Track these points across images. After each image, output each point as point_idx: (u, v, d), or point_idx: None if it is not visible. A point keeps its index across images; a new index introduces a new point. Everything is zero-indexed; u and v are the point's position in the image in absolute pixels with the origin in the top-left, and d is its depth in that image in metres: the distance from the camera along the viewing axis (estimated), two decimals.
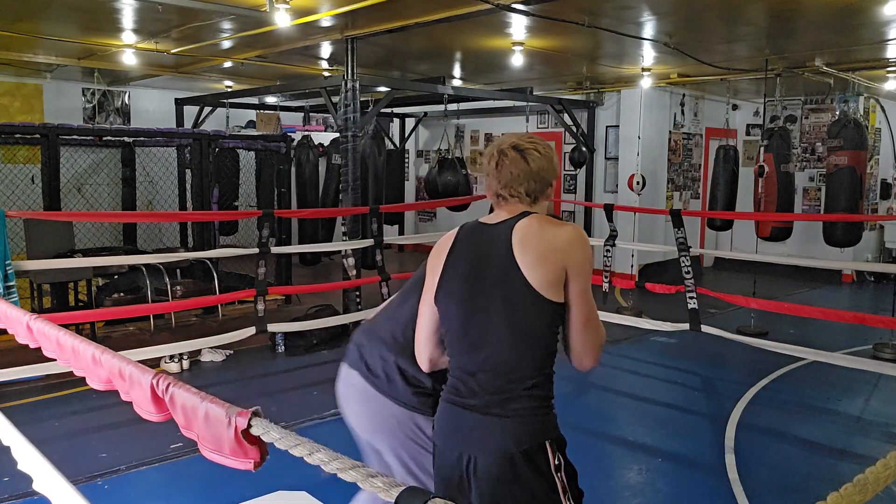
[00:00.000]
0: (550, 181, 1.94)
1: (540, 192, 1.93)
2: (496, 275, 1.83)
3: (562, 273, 1.79)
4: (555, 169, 1.96)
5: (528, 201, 1.92)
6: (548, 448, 1.80)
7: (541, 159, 1.91)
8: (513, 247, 1.81)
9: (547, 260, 1.78)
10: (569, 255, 1.79)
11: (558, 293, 1.79)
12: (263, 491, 3.54)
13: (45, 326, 1.93)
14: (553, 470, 1.79)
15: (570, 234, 1.82)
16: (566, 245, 1.80)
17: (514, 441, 1.77)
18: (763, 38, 6.66)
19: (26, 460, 1.99)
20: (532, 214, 1.89)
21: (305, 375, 5.86)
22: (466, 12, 5.41)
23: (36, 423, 4.54)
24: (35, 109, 9.47)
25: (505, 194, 1.92)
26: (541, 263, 1.78)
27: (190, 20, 6.05)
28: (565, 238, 1.81)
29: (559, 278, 1.78)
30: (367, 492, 1.80)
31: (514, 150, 1.91)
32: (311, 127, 11.43)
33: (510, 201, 1.92)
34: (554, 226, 1.84)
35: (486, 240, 1.89)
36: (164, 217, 8.10)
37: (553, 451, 1.81)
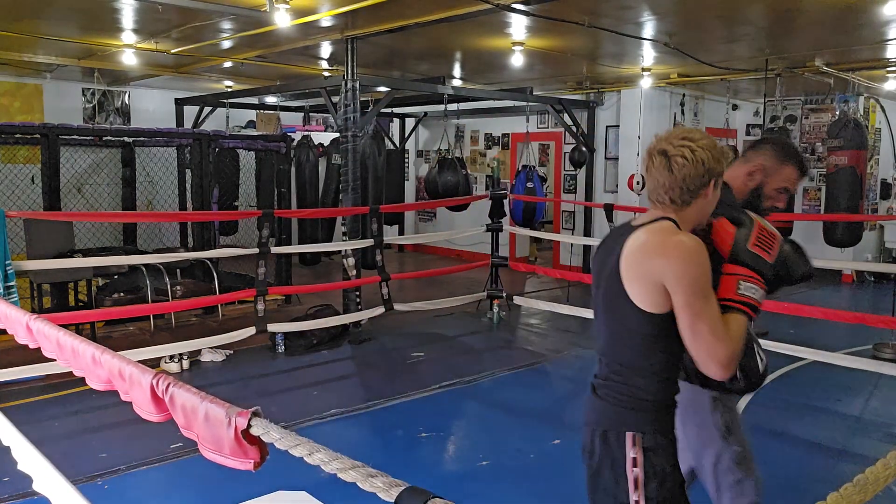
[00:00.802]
0: (703, 184, 1.86)
1: (692, 196, 1.87)
2: (606, 277, 1.90)
3: (659, 286, 1.78)
4: (709, 170, 1.85)
5: (674, 208, 1.89)
6: (627, 438, 1.86)
7: (687, 166, 1.84)
8: (621, 257, 1.85)
9: (642, 275, 1.80)
10: (662, 270, 1.77)
11: (658, 305, 1.80)
12: (263, 491, 3.54)
13: (44, 326, 1.93)
14: (628, 461, 1.86)
15: (666, 250, 1.79)
16: (659, 261, 1.78)
17: (598, 420, 1.94)
18: (763, 38, 6.66)
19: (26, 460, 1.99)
20: (653, 224, 1.87)
21: (305, 375, 5.86)
22: (466, 12, 5.41)
23: (36, 423, 4.54)
24: (35, 109, 9.47)
25: (653, 199, 1.93)
26: (637, 278, 1.81)
27: (190, 20, 6.05)
28: (660, 253, 1.79)
29: (657, 292, 1.78)
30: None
31: (662, 155, 1.87)
32: (311, 127, 11.43)
33: (656, 206, 1.92)
34: (662, 238, 1.82)
35: (615, 242, 1.91)
36: (164, 217, 8.10)
37: (633, 444, 1.86)
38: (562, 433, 4.58)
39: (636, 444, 1.85)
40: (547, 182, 11.82)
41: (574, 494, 3.75)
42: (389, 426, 4.74)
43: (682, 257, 1.76)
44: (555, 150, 11.35)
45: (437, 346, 6.72)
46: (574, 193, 10.59)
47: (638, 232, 1.86)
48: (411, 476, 1.17)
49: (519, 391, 5.49)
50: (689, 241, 1.79)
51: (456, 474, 4.04)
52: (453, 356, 6.42)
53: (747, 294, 1.85)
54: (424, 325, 7.37)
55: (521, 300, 7.85)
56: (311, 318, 6.59)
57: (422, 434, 4.56)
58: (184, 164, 8.01)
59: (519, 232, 8.80)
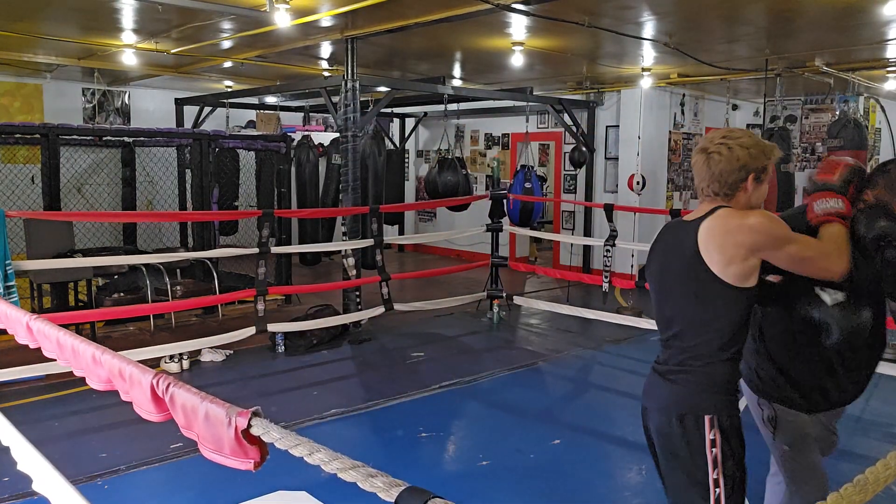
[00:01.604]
0: (740, 178, 2.05)
1: (732, 189, 2.05)
2: (683, 264, 2.05)
3: (748, 257, 1.97)
4: (744, 165, 2.04)
5: (721, 198, 2.08)
6: (706, 421, 2.00)
7: (722, 161, 2.03)
8: (698, 241, 2.01)
9: (727, 249, 1.97)
10: (753, 241, 1.97)
11: (744, 278, 1.98)
12: (263, 491, 3.54)
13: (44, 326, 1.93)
14: (707, 443, 1.99)
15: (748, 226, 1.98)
16: (748, 236, 1.97)
17: (675, 403, 2.05)
18: (763, 38, 6.66)
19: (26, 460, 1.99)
20: (721, 210, 2.05)
21: (305, 375, 5.86)
22: (466, 12, 5.41)
23: (36, 423, 4.54)
24: (35, 109, 9.47)
25: (700, 193, 2.14)
26: (723, 253, 1.97)
27: (190, 20, 6.05)
28: (745, 230, 1.98)
29: (746, 264, 1.97)
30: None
31: (702, 152, 2.09)
32: (311, 127, 11.43)
33: (705, 199, 2.13)
34: (736, 217, 2.01)
35: (680, 234, 2.10)
36: (164, 217, 8.10)
37: (711, 426, 2.00)
38: (562, 433, 4.58)
39: (714, 426, 1.99)
40: (547, 182, 11.83)
41: (574, 494, 3.75)
42: (389, 426, 4.74)
43: (764, 225, 1.97)
44: (555, 150, 11.35)
45: (437, 346, 6.72)
46: (574, 193, 10.59)
47: (707, 221, 2.03)
48: (411, 476, 1.17)
49: (519, 391, 5.49)
50: (760, 214, 2.02)
51: (456, 474, 4.04)
52: (453, 356, 6.42)
53: (823, 207, 2.13)
54: (424, 325, 7.37)
55: (521, 300, 7.85)
56: (311, 318, 6.59)
57: (422, 434, 4.56)
58: (184, 164, 8.01)
59: (519, 232, 8.80)
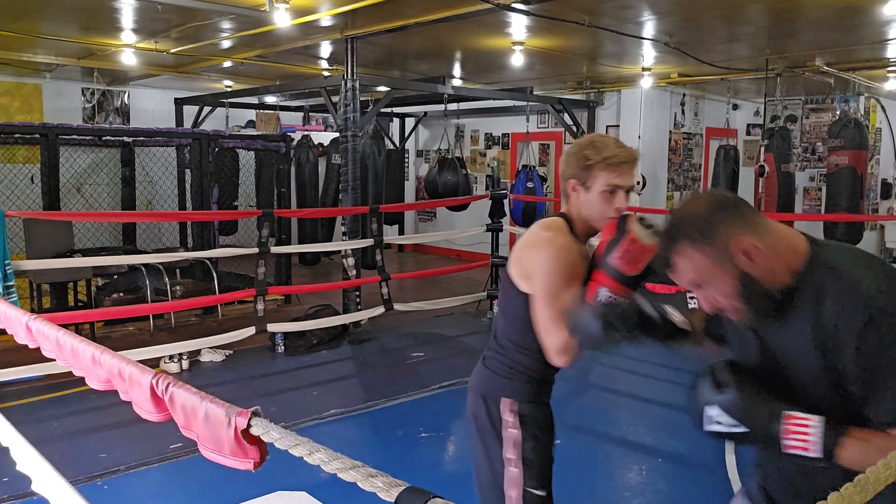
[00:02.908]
0: (565, 182, 2.12)
1: (565, 194, 2.14)
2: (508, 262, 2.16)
3: (524, 272, 2.03)
4: (563, 171, 2.12)
5: (565, 201, 2.16)
6: (501, 403, 2.10)
7: (561, 165, 2.14)
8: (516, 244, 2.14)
9: (515, 259, 2.09)
10: (522, 257, 2.06)
11: (528, 287, 2.03)
12: (263, 491, 3.54)
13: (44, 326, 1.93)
14: (504, 423, 2.10)
15: (526, 240, 2.08)
16: (521, 248, 2.08)
17: (480, 385, 2.18)
18: (763, 37, 6.66)
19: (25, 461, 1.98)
20: (545, 218, 2.14)
21: (305, 375, 5.85)
22: (466, 12, 5.40)
23: (35, 423, 4.54)
24: (34, 109, 9.46)
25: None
26: (513, 261, 2.10)
27: (189, 20, 6.05)
28: (523, 242, 2.09)
29: (524, 276, 2.04)
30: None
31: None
32: (310, 127, 11.43)
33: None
34: (534, 230, 2.09)
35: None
36: (163, 217, 8.10)
37: (507, 409, 2.10)
38: (561, 433, 4.56)
39: (512, 408, 2.10)
40: (547, 182, 11.83)
41: (574, 494, 3.75)
42: (389, 426, 4.74)
43: (532, 248, 2.03)
44: (555, 150, 11.35)
45: (437, 346, 6.72)
46: None
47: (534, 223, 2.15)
48: (411, 476, 1.17)
49: None
50: (556, 238, 2.01)
51: (456, 474, 4.04)
52: (453, 356, 6.42)
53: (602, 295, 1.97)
54: (424, 325, 7.37)
55: None
56: (310, 318, 6.59)
57: (422, 434, 4.56)
58: (183, 164, 8.00)
59: (519, 232, 8.79)
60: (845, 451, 1.35)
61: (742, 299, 1.45)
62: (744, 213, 1.46)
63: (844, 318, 1.36)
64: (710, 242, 1.42)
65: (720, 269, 1.43)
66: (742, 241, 1.41)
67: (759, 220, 1.47)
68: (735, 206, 1.47)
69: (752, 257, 1.41)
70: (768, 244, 1.44)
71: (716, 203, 1.47)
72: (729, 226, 1.43)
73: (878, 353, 1.33)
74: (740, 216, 1.45)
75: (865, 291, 1.35)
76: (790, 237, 1.49)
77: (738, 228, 1.43)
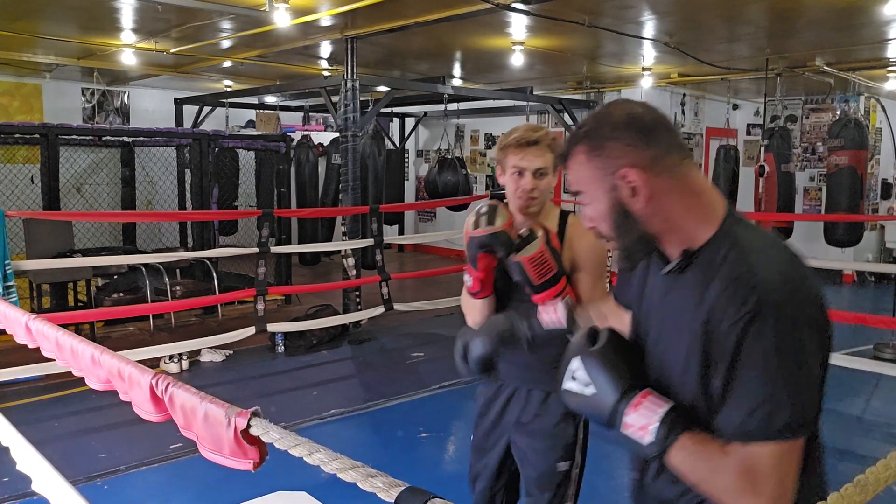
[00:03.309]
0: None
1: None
2: None
3: None
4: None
5: None
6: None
7: None
8: None
9: None
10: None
11: None
12: (263, 491, 3.53)
13: (44, 326, 1.93)
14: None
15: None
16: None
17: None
18: (763, 37, 6.66)
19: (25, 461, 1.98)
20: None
21: (305, 375, 5.85)
22: (466, 12, 5.40)
23: (35, 423, 4.53)
24: (34, 109, 9.46)
25: None
26: None
27: (189, 20, 6.04)
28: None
29: None
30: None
31: None
32: (310, 127, 11.43)
33: None
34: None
35: None
36: (163, 217, 8.10)
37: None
38: None
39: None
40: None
41: None
42: (389, 426, 4.74)
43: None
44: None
45: (437, 346, 6.72)
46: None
47: None
48: (411, 476, 1.16)
49: None
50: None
51: (456, 474, 4.03)
52: (453, 356, 6.41)
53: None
54: (424, 325, 7.37)
55: None
56: (310, 318, 6.59)
57: (422, 434, 4.55)
58: (183, 164, 8.00)
59: None
60: (675, 453, 1.18)
61: (613, 231, 1.28)
62: (660, 142, 1.24)
63: (731, 302, 1.14)
64: (599, 154, 1.24)
65: (599, 188, 1.26)
66: (631, 171, 1.22)
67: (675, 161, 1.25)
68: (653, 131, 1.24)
69: (637, 192, 1.22)
70: (671, 190, 1.23)
71: (635, 118, 1.25)
72: (629, 149, 1.23)
73: (750, 353, 1.13)
74: (652, 143, 1.23)
75: (762, 280, 1.14)
76: (709, 200, 1.27)
77: (640, 157, 1.22)
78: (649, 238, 1.27)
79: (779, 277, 1.16)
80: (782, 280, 1.16)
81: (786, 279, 1.17)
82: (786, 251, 1.24)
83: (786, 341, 1.13)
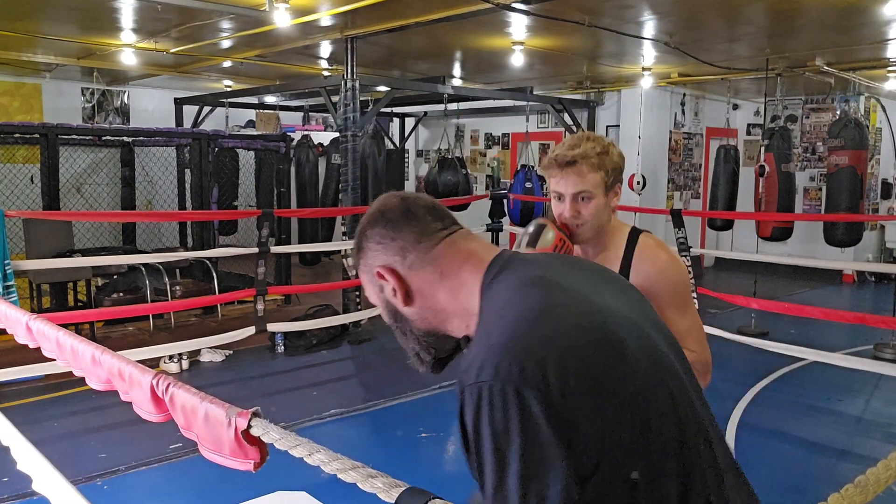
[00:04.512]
0: None
1: None
2: None
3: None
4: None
5: None
6: None
7: None
8: None
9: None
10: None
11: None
12: (263, 491, 3.53)
13: (44, 326, 1.93)
14: None
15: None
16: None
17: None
18: (764, 37, 6.66)
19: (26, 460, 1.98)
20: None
21: (305, 375, 5.85)
22: (466, 12, 5.40)
23: (35, 423, 4.53)
24: (34, 109, 9.46)
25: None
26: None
27: (189, 20, 6.04)
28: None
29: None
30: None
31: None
32: (310, 126, 11.42)
33: None
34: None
35: None
36: (163, 217, 8.10)
37: None
38: None
39: None
40: (546, 182, 11.82)
41: None
42: (389, 426, 4.74)
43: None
44: None
45: None
46: None
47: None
48: (411, 476, 1.16)
49: None
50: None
51: (456, 474, 4.04)
52: None
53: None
54: None
55: None
56: (310, 318, 6.58)
57: (422, 434, 4.55)
58: (183, 164, 8.00)
59: (519, 231, 8.79)
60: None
61: (398, 338, 1.22)
62: (410, 229, 1.10)
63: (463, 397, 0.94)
64: (362, 257, 1.15)
65: (372, 292, 1.18)
66: (384, 270, 1.11)
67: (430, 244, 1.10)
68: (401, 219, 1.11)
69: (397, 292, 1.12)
70: (430, 278, 1.09)
71: (384, 212, 1.13)
72: (379, 247, 1.12)
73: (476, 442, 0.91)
74: (399, 234, 1.10)
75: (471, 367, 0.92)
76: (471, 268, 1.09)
77: (389, 253, 1.11)
78: (431, 336, 1.15)
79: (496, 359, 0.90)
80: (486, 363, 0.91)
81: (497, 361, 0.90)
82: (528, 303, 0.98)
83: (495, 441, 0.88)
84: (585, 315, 0.98)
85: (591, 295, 1.04)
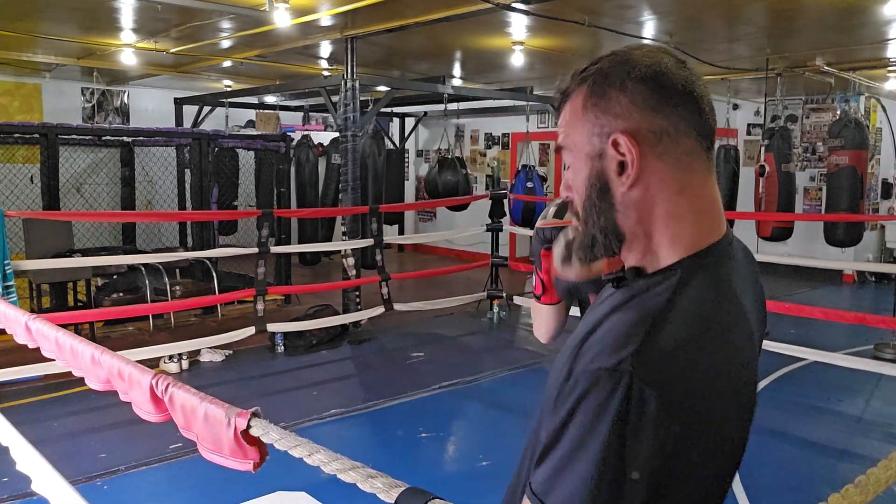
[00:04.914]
0: None
1: None
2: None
3: None
4: None
5: None
6: None
7: None
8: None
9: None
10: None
11: None
12: (263, 491, 3.53)
13: (43, 326, 1.93)
14: None
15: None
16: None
17: None
18: (764, 37, 6.65)
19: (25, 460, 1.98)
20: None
21: (305, 375, 5.85)
22: (466, 12, 5.40)
23: (35, 423, 4.53)
24: (34, 109, 9.46)
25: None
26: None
27: (189, 19, 6.04)
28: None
29: None
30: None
31: None
32: (310, 126, 11.42)
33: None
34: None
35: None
36: (163, 217, 8.10)
37: None
38: None
39: None
40: (547, 182, 11.82)
41: None
42: (389, 426, 4.73)
43: None
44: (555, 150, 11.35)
45: (437, 346, 6.72)
46: None
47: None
48: (411, 476, 1.16)
49: (519, 391, 5.48)
50: None
51: (456, 474, 4.04)
52: (453, 356, 6.41)
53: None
54: (424, 325, 7.37)
55: (521, 300, 7.84)
56: (310, 318, 6.58)
57: (422, 434, 4.55)
58: (183, 164, 8.01)
59: (519, 232, 8.79)
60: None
61: (583, 212, 0.96)
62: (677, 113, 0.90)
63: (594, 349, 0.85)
64: (597, 105, 0.93)
65: (584, 149, 0.94)
66: (625, 139, 0.89)
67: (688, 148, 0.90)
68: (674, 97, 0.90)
69: (626, 170, 0.90)
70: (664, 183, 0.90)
71: (658, 72, 0.91)
72: (633, 108, 0.90)
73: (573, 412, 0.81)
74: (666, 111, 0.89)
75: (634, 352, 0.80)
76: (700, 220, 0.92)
77: (643, 123, 0.89)
78: (618, 235, 0.94)
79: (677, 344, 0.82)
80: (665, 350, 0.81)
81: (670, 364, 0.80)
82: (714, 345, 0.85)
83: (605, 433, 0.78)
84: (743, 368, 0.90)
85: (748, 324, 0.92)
